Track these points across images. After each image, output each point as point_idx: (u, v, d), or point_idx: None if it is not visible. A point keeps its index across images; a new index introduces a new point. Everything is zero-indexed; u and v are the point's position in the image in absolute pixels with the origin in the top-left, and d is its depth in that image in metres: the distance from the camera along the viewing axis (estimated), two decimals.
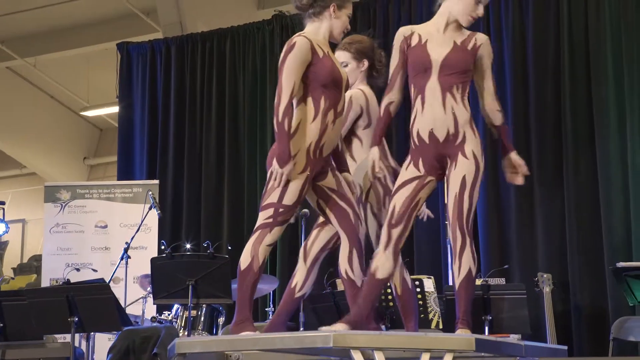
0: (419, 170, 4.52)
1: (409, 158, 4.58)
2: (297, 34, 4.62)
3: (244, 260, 4.43)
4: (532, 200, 8.33)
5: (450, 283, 7.81)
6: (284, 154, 4.41)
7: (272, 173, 4.44)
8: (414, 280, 5.30)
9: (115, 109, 11.77)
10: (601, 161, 8.05)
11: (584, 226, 8.05)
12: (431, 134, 4.49)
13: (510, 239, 8.34)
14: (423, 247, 8.65)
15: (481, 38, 4.66)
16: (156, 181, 9.90)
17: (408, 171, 4.54)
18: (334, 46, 4.89)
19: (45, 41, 13.05)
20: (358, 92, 5.02)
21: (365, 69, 5.09)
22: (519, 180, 4.75)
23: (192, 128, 10.41)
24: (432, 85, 4.51)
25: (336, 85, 4.57)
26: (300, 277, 4.78)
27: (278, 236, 4.54)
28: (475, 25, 8.67)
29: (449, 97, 4.49)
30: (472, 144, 4.50)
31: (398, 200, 4.48)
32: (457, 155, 4.48)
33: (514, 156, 4.71)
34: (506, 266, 7.81)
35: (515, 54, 8.62)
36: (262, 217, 4.49)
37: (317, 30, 4.64)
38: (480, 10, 4.60)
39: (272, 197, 4.46)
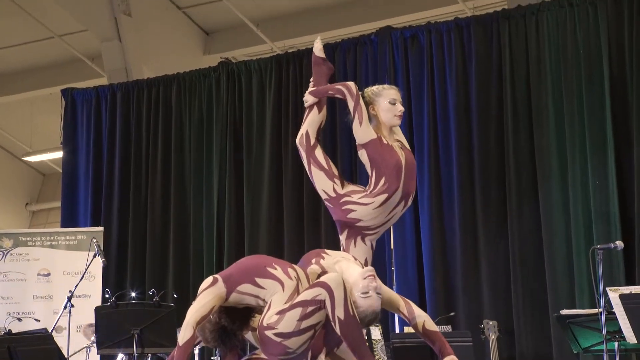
0: None
1: None
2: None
3: None
4: (476, 249, 8.38)
5: (397, 331, 7.84)
6: None
7: None
8: None
9: (59, 154, 11.65)
10: (544, 210, 8.14)
11: (528, 274, 8.12)
12: None
13: (456, 285, 8.38)
14: None
15: None
16: (100, 228, 9.80)
17: None
18: None
19: None
20: None
21: None
22: None
23: (138, 174, 10.33)
24: None
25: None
26: None
27: None
28: (420, 74, 8.84)
29: None
30: None
31: None
32: None
33: None
34: (452, 314, 7.84)
35: (458, 102, 8.70)
36: None
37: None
38: (400, 107, 4.93)
39: None
